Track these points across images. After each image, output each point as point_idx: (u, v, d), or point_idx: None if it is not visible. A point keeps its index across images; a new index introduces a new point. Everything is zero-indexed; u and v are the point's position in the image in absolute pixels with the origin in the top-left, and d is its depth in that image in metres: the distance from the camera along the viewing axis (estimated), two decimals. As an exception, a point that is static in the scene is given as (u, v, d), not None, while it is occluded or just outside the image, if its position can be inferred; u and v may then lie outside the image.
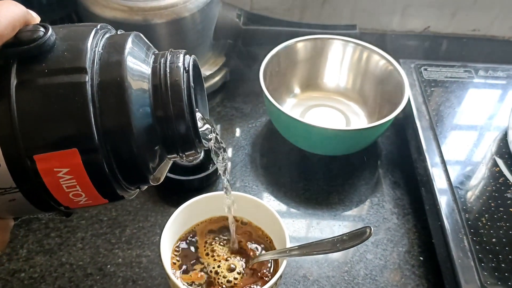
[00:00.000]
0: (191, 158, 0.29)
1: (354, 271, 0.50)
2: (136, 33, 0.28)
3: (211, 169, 0.56)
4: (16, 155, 0.23)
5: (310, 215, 0.56)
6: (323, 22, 0.75)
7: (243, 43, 0.69)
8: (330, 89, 0.70)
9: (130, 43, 0.26)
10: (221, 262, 0.45)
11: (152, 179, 0.27)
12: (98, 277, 0.48)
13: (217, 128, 0.66)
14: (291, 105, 0.68)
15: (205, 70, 0.67)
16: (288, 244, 0.43)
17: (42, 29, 0.24)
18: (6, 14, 0.24)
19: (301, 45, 0.67)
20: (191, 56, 0.29)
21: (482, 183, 0.52)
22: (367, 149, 0.62)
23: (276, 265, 0.45)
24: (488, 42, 0.80)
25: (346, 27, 0.71)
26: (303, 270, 0.50)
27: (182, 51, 0.28)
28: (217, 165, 0.39)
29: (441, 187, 0.51)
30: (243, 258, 0.46)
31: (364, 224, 0.55)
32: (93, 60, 0.25)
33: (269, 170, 0.61)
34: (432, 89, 0.64)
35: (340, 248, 0.41)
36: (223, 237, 0.47)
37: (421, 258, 0.51)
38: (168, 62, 0.27)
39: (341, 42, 0.66)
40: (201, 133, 0.28)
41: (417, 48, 0.79)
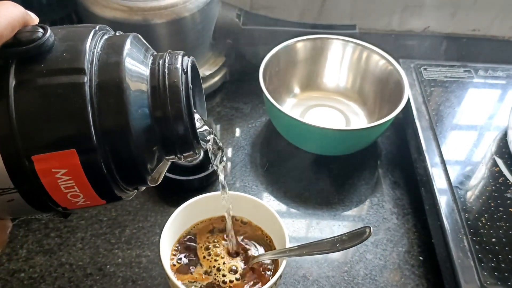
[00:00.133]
0: (189, 159, 0.29)
1: (353, 271, 0.50)
2: (134, 34, 0.28)
3: (211, 169, 0.56)
4: (14, 155, 0.23)
5: (309, 215, 0.56)
6: (323, 22, 0.75)
7: (243, 43, 0.69)
8: (330, 89, 0.70)
9: (128, 44, 0.26)
10: (220, 262, 0.45)
11: (150, 180, 0.28)
12: (97, 277, 0.48)
13: (217, 128, 0.66)
14: (291, 105, 0.68)
15: (204, 70, 0.67)
16: (287, 244, 0.43)
17: (41, 30, 0.24)
18: (5, 14, 0.24)
19: (301, 45, 0.67)
20: (189, 57, 0.29)
21: (482, 183, 0.52)
22: (367, 149, 0.62)
23: (276, 265, 0.45)
24: (488, 42, 0.80)
25: (346, 27, 0.71)
26: (303, 270, 0.50)
27: (180, 52, 0.28)
28: (214, 166, 0.39)
29: (440, 187, 0.51)
30: (243, 258, 0.46)
31: (363, 224, 0.55)
32: (92, 61, 0.25)
33: (269, 170, 0.61)
34: (432, 89, 0.64)
35: (339, 248, 0.41)
36: (223, 237, 0.47)
37: (421, 258, 0.51)
38: (166, 63, 0.27)
39: (341, 42, 0.66)
40: (199, 134, 0.28)
41: (417, 48, 0.79)
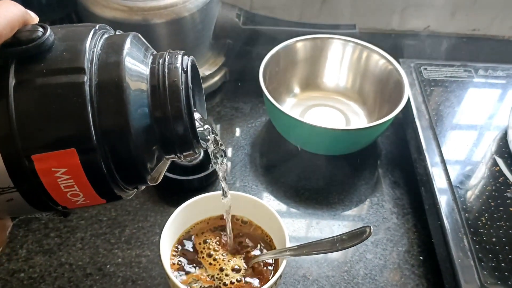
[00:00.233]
0: (189, 158, 0.29)
1: (353, 270, 0.50)
2: (134, 33, 0.28)
3: (211, 169, 0.56)
4: (14, 155, 0.23)
5: (309, 215, 0.56)
6: (322, 21, 0.74)
7: (243, 43, 0.69)
8: (329, 89, 0.70)
9: (128, 44, 0.26)
10: (220, 261, 0.45)
11: (150, 179, 0.28)
12: (97, 277, 0.48)
13: (217, 128, 0.66)
14: (291, 105, 0.68)
15: (204, 70, 0.67)
16: (287, 243, 0.43)
17: (40, 29, 0.24)
18: (5, 14, 0.24)
19: (301, 44, 0.67)
20: (189, 57, 0.29)
21: (482, 183, 0.52)
22: (367, 149, 0.62)
23: (276, 264, 0.45)
24: (488, 41, 0.80)
25: (346, 27, 0.70)
26: (303, 269, 0.50)
27: (180, 52, 0.28)
28: (215, 167, 0.39)
29: (440, 186, 0.51)
30: (243, 257, 0.46)
31: (363, 223, 0.55)
32: (92, 60, 0.25)
33: (269, 170, 0.61)
34: (431, 88, 0.64)
35: (339, 247, 0.41)
36: (222, 236, 0.47)
37: (421, 257, 0.51)
38: (166, 62, 0.27)
39: (340, 41, 0.66)
40: (199, 134, 0.28)
41: (417, 47, 0.79)
